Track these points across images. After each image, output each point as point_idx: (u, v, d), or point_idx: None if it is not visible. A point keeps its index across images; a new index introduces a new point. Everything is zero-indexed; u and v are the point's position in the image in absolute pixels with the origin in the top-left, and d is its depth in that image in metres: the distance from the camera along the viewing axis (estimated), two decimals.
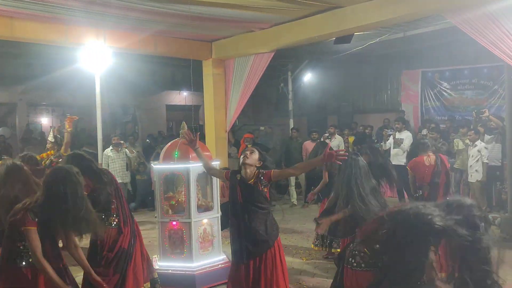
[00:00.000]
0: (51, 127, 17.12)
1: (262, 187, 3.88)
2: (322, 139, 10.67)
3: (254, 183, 3.89)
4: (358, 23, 6.81)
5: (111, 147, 9.58)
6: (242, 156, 4.03)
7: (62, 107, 17.60)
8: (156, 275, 4.82)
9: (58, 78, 11.75)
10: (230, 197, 4.04)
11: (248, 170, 3.94)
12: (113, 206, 4.23)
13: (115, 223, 4.24)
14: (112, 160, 9.42)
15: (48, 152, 6.72)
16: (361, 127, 12.88)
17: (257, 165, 3.98)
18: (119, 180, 6.76)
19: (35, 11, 6.60)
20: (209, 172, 4.52)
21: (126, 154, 9.70)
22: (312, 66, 13.76)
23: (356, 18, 6.77)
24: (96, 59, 8.36)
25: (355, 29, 7.26)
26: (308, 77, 14.47)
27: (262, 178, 3.90)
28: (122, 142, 9.79)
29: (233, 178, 4.02)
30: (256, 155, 4.02)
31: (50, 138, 7.05)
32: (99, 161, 8.59)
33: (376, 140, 11.86)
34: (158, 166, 5.49)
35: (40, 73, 13.11)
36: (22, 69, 13.74)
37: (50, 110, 18.23)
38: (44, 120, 18.06)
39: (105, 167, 8.36)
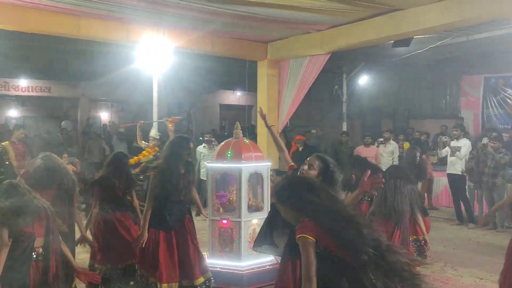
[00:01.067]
0: (109, 121, 17.84)
1: None
2: (376, 144, 10.45)
3: None
4: (419, 26, 6.62)
5: (203, 144, 10.19)
6: (300, 170, 3.83)
7: (120, 103, 18.28)
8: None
9: (118, 75, 12.19)
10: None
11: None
12: None
13: None
14: (204, 156, 9.86)
15: (154, 149, 7.03)
16: (417, 133, 12.49)
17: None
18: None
19: (100, 10, 6.89)
20: (281, 155, 4.36)
21: None
22: (368, 69, 13.50)
23: (417, 21, 6.57)
24: (154, 58, 8.60)
25: (416, 32, 7.06)
26: (363, 80, 14.21)
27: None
28: (213, 139, 10.16)
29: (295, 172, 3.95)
30: (313, 172, 3.59)
31: (154, 134, 7.39)
32: None
33: (432, 147, 11.47)
34: (211, 165, 5.57)
35: (101, 70, 13.67)
36: (85, 66, 14.38)
37: (109, 105, 18.98)
38: (104, 115, 18.82)
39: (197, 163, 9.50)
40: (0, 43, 10.84)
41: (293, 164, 4.01)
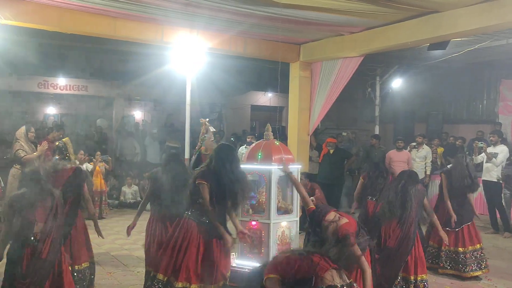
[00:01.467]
0: (142, 120, 18.16)
1: None
2: (408, 149, 10.25)
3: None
4: (456, 29, 6.47)
5: (245, 145, 10.53)
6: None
7: (154, 102, 18.57)
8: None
9: (152, 75, 12.40)
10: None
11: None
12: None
13: None
14: None
15: None
16: (451, 138, 12.18)
17: None
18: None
19: (135, 12, 7.04)
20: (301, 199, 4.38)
21: None
22: (402, 72, 13.26)
23: (454, 24, 6.43)
24: (188, 59, 8.70)
25: (453, 35, 6.91)
26: (397, 83, 13.97)
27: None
28: (254, 142, 10.28)
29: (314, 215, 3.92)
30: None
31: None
32: (186, 156, 8.93)
33: (467, 153, 11.17)
34: (241, 166, 5.58)
35: (136, 70, 13.94)
36: (120, 66, 14.72)
37: (143, 104, 19.31)
38: (137, 114, 19.16)
39: None
40: (40, 43, 11.22)
41: (312, 206, 4.05)
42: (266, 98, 18.74)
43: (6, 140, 9.62)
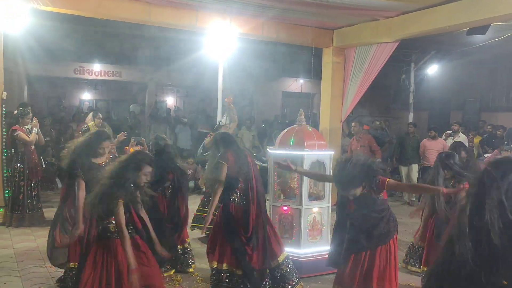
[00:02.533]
0: (174, 106, 18.36)
1: (375, 194, 3.66)
2: (444, 137, 10.01)
3: (367, 192, 3.62)
4: (497, 13, 6.25)
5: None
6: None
7: (186, 88, 18.73)
8: None
9: (185, 61, 12.51)
10: (339, 203, 3.86)
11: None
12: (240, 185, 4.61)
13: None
14: None
15: None
16: (489, 127, 11.81)
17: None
18: None
19: None
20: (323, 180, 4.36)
21: None
22: (438, 58, 12.92)
23: (494, 7, 6.20)
24: (220, 44, 8.72)
25: (493, 19, 6.67)
26: (433, 69, 13.63)
27: (374, 186, 3.66)
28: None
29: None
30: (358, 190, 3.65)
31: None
32: None
33: (506, 142, 10.83)
34: (273, 151, 5.59)
35: (169, 56, 14.09)
36: (153, 52, 14.88)
37: (175, 90, 19.50)
38: (169, 100, 19.38)
39: None
40: (76, 29, 11.44)
41: None
42: (298, 84, 18.62)
43: (43, 124, 9.87)
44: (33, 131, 7.01)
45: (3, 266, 5.23)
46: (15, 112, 7.29)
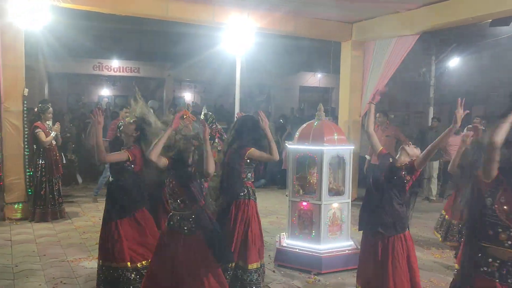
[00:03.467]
0: (192, 102, 18.41)
1: (405, 173, 3.71)
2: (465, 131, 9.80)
3: (399, 167, 3.74)
4: None
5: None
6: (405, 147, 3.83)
7: (204, 84, 18.78)
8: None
9: (202, 57, 12.51)
10: (373, 176, 3.90)
11: (402, 158, 3.77)
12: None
13: None
14: None
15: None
16: None
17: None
18: None
19: None
20: (368, 136, 4.21)
21: None
22: (460, 51, 12.66)
23: None
24: (238, 39, 8.68)
25: None
26: (454, 62, 13.38)
27: (409, 165, 3.73)
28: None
29: (385, 157, 3.89)
30: (417, 151, 3.84)
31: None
32: None
33: None
34: (292, 146, 5.54)
35: (186, 52, 14.11)
36: (171, 48, 14.93)
37: (193, 86, 19.57)
38: (187, 95, 19.46)
39: None
40: (95, 26, 11.54)
41: (382, 148, 4.03)
42: (316, 79, 18.50)
43: (63, 120, 9.99)
44: (52, 134, 7.08)
45: (26, 260, 5.30)
46: (36, 109, 7.38)
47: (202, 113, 6.51)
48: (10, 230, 6.54)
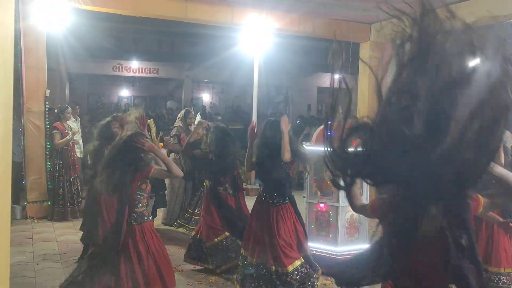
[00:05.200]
0: (210, 102, 18.50)
1: None
2: None
3: None
4: None
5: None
6: None
7: (222, 84, 18.84)
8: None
9: (220, 58, 12.56)
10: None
11: None
12: None
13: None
14: None
15: None
16: None
17: None
18: None
19: None
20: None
21: None
22: None
23: None
24: (256, 40, 8.69)
25: None
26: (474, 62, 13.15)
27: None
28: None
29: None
30: None
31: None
32: None
33: None
34: (309, 148, 5.52)
35: (205, 53, 14.19)
36: (190, 49, 15.03)
37: (211, 86, 19.65)
38: (205, 96, 19.55)
39: None
40: (115, 28, 11.69)
41: None
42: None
43: (83, 120, 10.12)
44: (67, 137, 7.17)
45: (46, 258, 5.39)
46: (55, 110, 7.51)
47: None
48: (32, 229, 6.67)
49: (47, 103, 7.29)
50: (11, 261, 4.06)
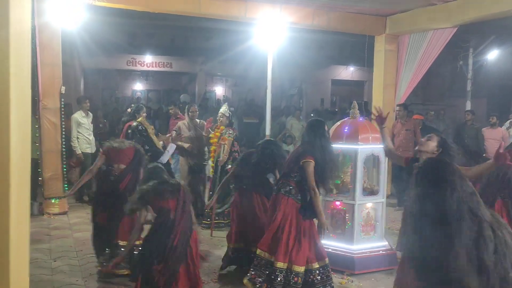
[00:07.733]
0: (223, 96, 18.48)
1: None
2: (508, 125, 9.50)
3: None
4: None
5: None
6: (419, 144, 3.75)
7: (235, 78, 18.79)
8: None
9: (234, 52, 12.50)
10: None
11: (423, 158, 3.62)
12: None
13: None
14: None
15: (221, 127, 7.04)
16: None
17: (435, 153, 3.60)
18: None
19: None
20: (389, 154, 4.23)
21: None
22: (499, 43, 12.22)
23: None
24: (270, 34, 8.61)
25: None
26: (493, 55, 12.92)
27: None
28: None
29: (411, 165, 3.75)
30: (433, 143, 3.60)
31: (224, 111, 7.13)
32: (267, 133, 8.94)
33: None
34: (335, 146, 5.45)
35: (218, 47, 14.14)
36: (203, 43, 14.99)
37: (224, 80, 19.62)
38: (219, 90, 19.53)
39: None
40: (128, 23, 11.68)
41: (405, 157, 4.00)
42: (348, 72, 18.24)
43: (96, 116, 10.17)
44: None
45: (63, 255, 5.44)
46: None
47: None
48: (48, 225, 6.74)
49: (62, 99, 7.33)
50: None
